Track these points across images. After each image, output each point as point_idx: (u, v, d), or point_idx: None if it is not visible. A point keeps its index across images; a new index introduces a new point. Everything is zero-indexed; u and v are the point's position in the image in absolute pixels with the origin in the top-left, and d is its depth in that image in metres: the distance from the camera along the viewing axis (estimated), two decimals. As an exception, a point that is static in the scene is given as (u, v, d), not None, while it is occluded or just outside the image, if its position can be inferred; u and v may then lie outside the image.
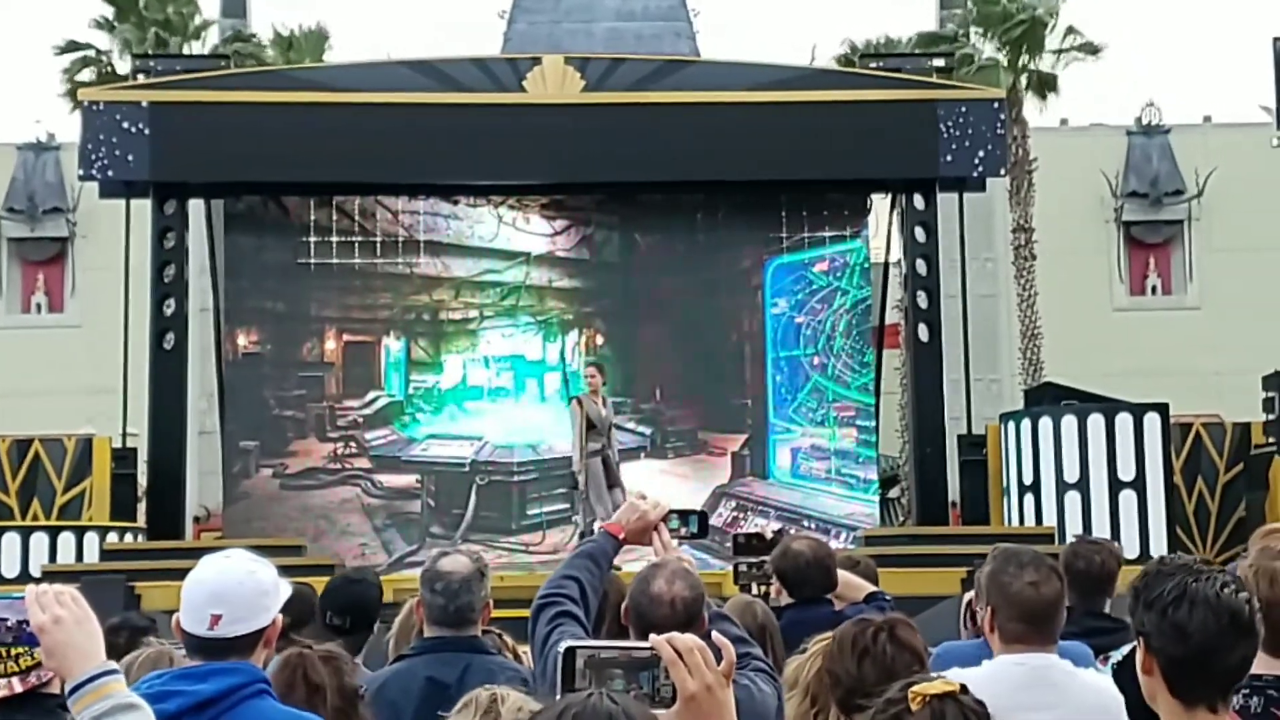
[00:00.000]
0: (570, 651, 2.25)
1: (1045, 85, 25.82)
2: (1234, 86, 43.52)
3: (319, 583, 6.69)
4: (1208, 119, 29.69)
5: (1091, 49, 26.05)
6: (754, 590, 6.62)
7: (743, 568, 6.83)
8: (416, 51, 29.31)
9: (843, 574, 5.85)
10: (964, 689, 2.77)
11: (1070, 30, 26.09)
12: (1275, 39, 16.56)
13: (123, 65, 24.88)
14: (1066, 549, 5.59)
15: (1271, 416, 15.35)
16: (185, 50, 25.65)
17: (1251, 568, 3.46)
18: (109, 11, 26.01)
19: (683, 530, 4.38)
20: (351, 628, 5.65)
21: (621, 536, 4.35)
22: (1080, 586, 4.97)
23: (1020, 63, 25.53)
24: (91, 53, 26.08)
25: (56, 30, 28.37)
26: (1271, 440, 15.21)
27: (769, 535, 6.84)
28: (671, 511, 4.37)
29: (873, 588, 5.99)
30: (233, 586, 3.51)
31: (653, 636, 2.25)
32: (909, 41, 26.26)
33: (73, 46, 26.02)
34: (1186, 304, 28.88)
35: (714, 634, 2.47)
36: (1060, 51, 26.05)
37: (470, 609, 4.64)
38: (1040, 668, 3.89)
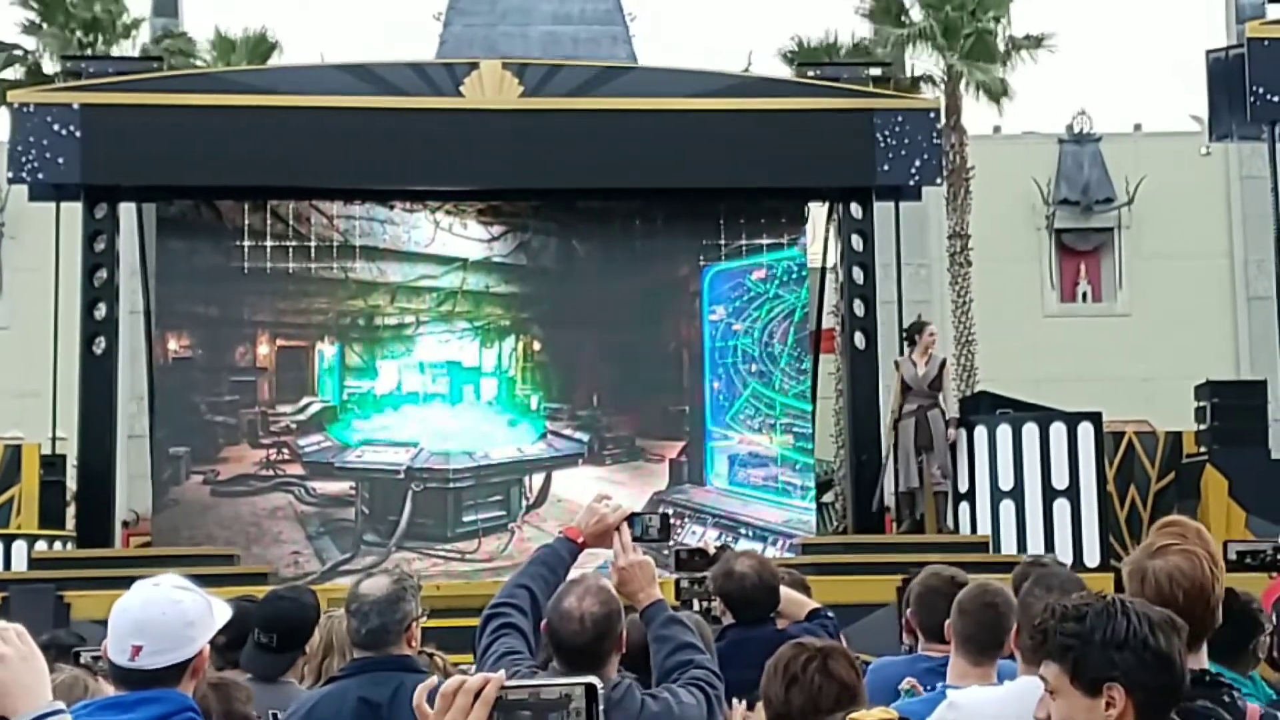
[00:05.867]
0: None
1: (1000, 92, 25.92)
2: (1164, 95, 44.04)
3: (256, 591, 6.63)
4: (1138, 127, 30.01)
5: (1037, 42, 26.20)
6: (696, 606, 6.60)
7: (684, 583, 6.81)
8: (352, 54, 29.14)
9: (786, 591, 5.83)
10: None
11: (1012, 40, 26.28)
12: (1208, 51, 16.75)
13: (51, 65, 24.57)
14: (1016, 570, 5.63)
15: (1203, 426, 15.52)
16: (114, 50, 25.35)
17: (1126, 566, 3.48)
18: (35, 13, 25.67)
19: (649, 533, 4.36)
20: (279, 646, 5.57)
21: (580, 540, 4.35)
22: None
23: (969, 73, 25.63)
24: (19, 52, 25.74)
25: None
26: (1203, 449, 15.38)
27: (711, 550, 6.83)
28: (632, 514, 4.35)
29: (815, 604, 5.97)
30: (155, 617, 3.44)
31: None
32: (852, 45, 26.30)
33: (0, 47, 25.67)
34: (1116, 311, 29.19)
35: None
36: (1008, 53, 26.17)
37: (384, 631, 4.58)
38: None
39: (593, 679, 2.02)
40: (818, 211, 17.77)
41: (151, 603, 3.47)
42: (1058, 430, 14.59)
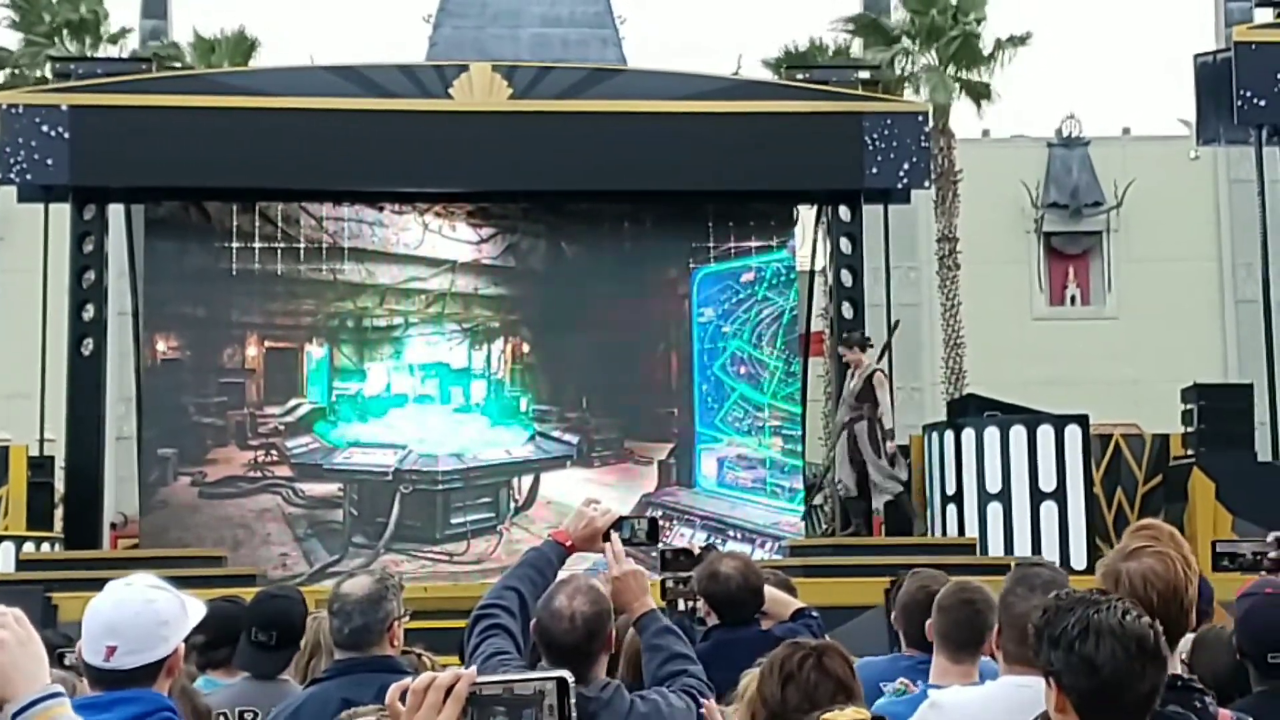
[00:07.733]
0: None
1: (980, 94, 25.98)
2: (1152, 99, 44.16)
3: (243, 594, 6.62)
4: (1126, 131, 30.10)
5: (1020, 40, 26.25)
6: (681, 606, 6.60)
7: (669, 583, 6.79)
8: (341, 57, 29.11)
9: (770, 591, 5.81)
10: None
11: (998, 42, 26.34)
12: (1196, 56, 16.79)
13: (36, 68, 24.54)
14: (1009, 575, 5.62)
15: (1190, 429, 15.55)
16: (100, 52, 25.32)
17: (1100, 568, 3.49)
18: (17, 14, 25.65)
19: (637, 536, 4.37)
20: (277, 644, 5.63)
21: (569, 544, 4.36)
22: None
23: (956, 74, 25.69)
24: (5, 55, 25.71)
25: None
26: (1190, 452, 15.40)
27: (697, 550, 6.82)
28: (620, 518, 4.35)
29: (800, 605, 5.97)
30: (129, 618, 3.42)
31: None
32: (835, 51, 26.36)
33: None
34: (1105, 314, 29.27)
35: None
36: (991, 55, 26.22)
37: (366, 630, 4.58)
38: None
39: (564, 673, 2.02)
40: (807, 214, 17.80)
41: (124, 603, 3.45)
42: (1045, 433, 14.62)
